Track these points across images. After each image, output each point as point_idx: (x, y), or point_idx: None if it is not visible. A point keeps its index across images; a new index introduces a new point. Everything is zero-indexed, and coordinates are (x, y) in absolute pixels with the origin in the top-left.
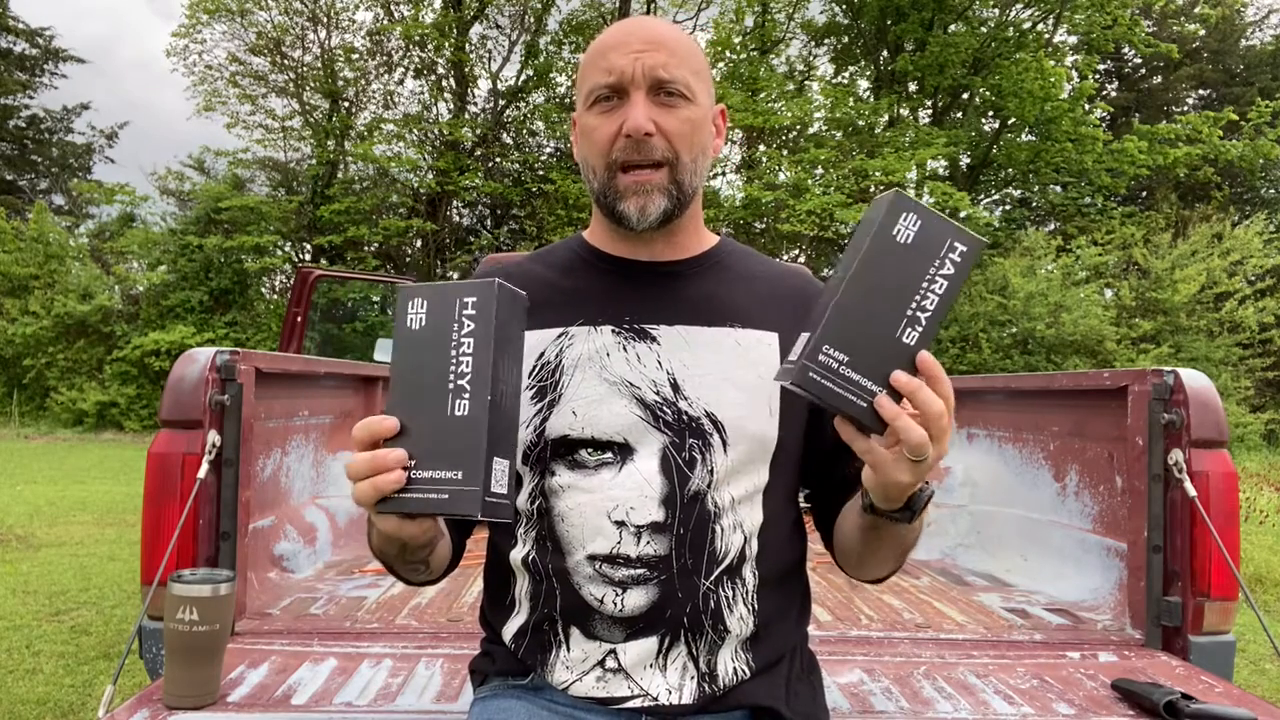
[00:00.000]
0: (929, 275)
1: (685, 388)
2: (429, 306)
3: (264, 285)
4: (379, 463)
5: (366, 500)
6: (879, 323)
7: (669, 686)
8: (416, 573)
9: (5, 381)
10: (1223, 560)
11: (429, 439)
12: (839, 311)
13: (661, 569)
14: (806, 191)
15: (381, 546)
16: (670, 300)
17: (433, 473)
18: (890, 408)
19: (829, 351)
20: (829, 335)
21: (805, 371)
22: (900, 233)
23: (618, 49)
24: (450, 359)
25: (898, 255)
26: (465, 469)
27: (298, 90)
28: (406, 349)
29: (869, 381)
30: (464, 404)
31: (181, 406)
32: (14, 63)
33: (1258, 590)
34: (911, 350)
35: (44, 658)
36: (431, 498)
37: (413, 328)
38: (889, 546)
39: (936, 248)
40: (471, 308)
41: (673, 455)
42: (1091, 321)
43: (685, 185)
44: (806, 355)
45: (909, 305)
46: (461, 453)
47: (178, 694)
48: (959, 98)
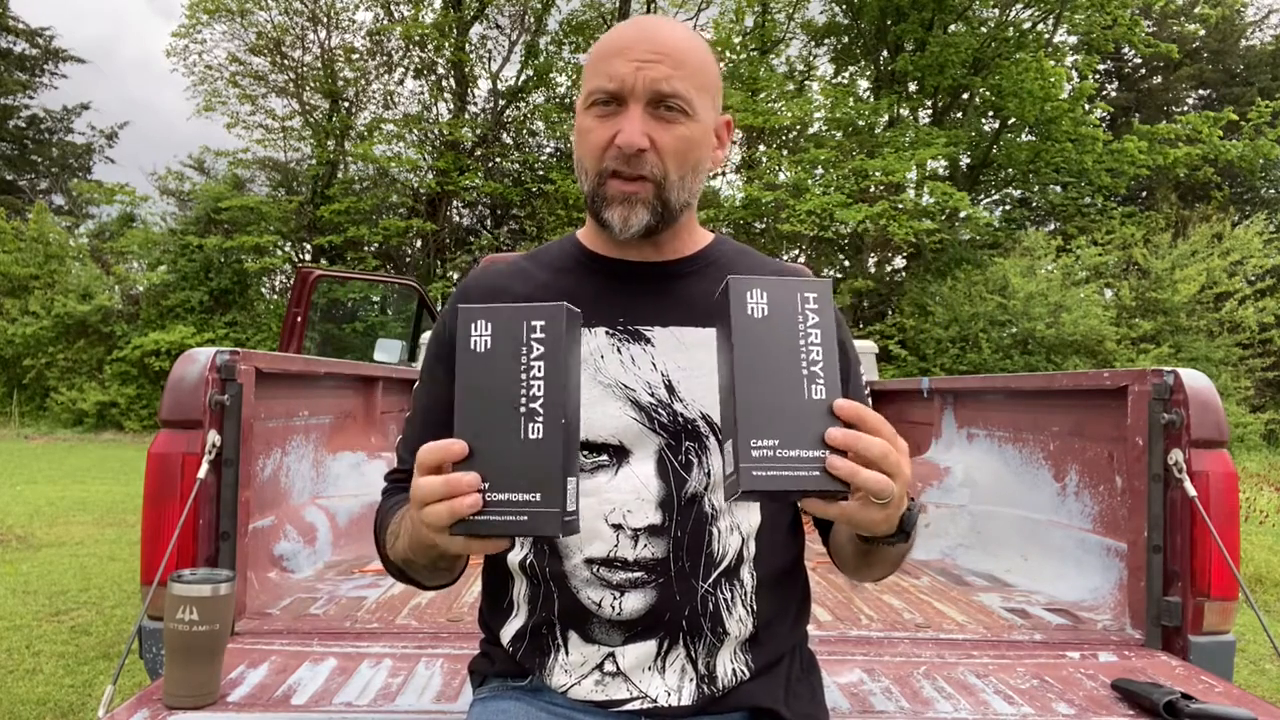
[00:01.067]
0: (801, 332)
1: (680, 389)
2: (494, 329)
3: (264, 285)
4: (454, 486)
5: (441, 523)
6: (783, 394)
7: (668, 689)
8: (438, 578)
9: (5, 381)
10: (1223, 560)
11: (502, 462)
12: (743, 400)
13: (659, 572)
14: (806, 191)
15: (413, 556)
16: (664, 301)
17: (509, 495)
18: (844, 466)
19: (757, 444)
20: (749, 428)
21: (748, 474)
22: (753, 309)
23: (622, 55)
24: (520, 382)
25: (762, 330)
26: (543, 491)
27: (298, 90)
28: (471, 372)
29: (809, 451)
30: (538, 427)
31: (181, 406)
32: (14, 63)
33: (1258, 590)
34: (826, 404)
35: (44, 658)
36: (510, 520)
37: (477, 350)
38: (885, 561)
39: (792, 307)
40: (540, 330)
41: (669, 458)
42: (1091, 321)
43: (671, 203)
44: (741, 460)
45: (800, 366)
46: (538, 476)
47: (178, 694)
48: (959, 98)
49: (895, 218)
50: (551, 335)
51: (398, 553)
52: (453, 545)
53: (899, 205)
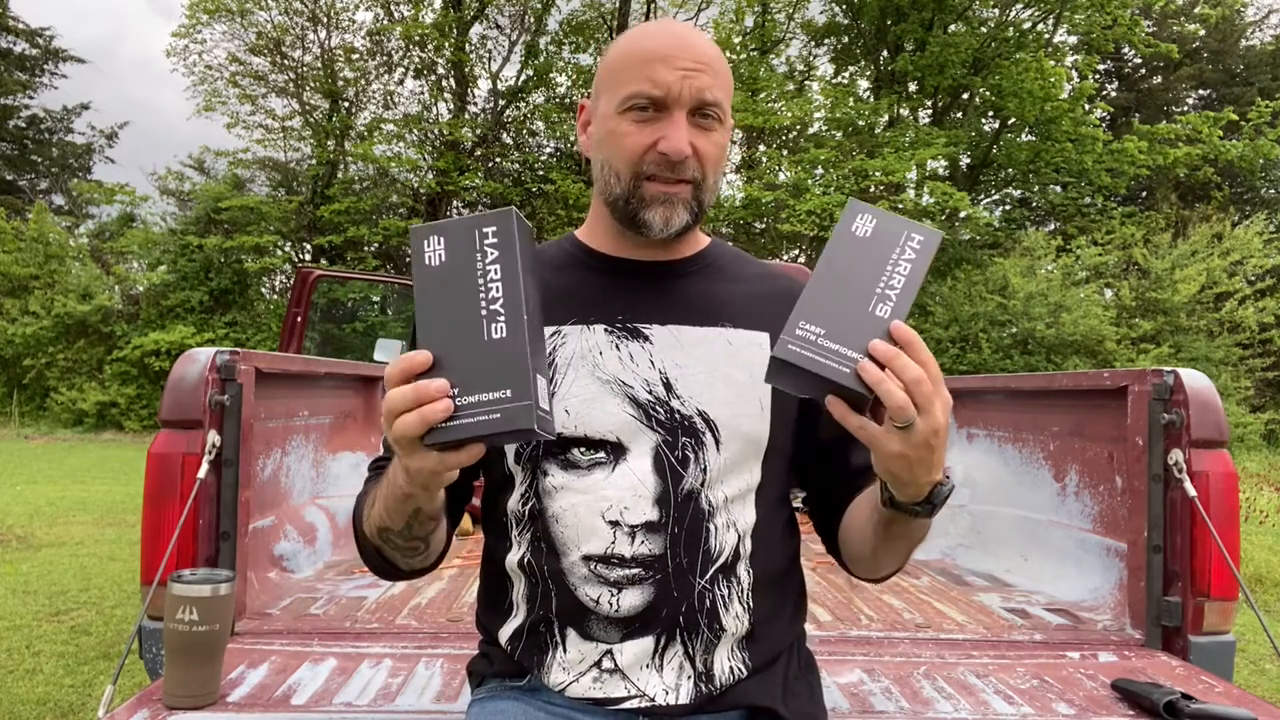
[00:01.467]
0: (892, 260)
1: (678, 387)
2: (447, 242)
3: (264, 285)
4: (422, 393)
5: (413, 431)
6: (851, 299)
7: (665, 687)
8: (414, 552)
9: (5, 381)
10: (1223, 560)
11: (469, 366)
12: (812, 291)
13: (656, 568)
14: (806, 191)
15: (388, 520)
16: (663, 300)
17: (479, 396)
18: (873, 371)
19: (806, 326)
20: (804, 311)
21: (785, 345)
22: (859, 229)
23: (666, 63)
24: (479, 287)
25: (859, 247)
26: (513, 386)
27: (298, 90)
28: (430, 284)
29: (848, 350)
30: (500, 327)
31: (181, 406)
32: (14, 63)
33: (1258, 590)
34: (885, 322)
35: (44, 658)
36: (483, 419)
37: (432, 264)
38: (901, 541)
39: (894, 239)
40: (493, 236)
41: (665, 454)
42: (1091, 321)
43: (705, 204)
44: (785, 331)
45: (877, 284)
46: (507, 372)
47: (178, 694)
48: (959, 98)
49: None
50: (504, 239)
51: (373, 522)
52: (425, 462)
53: (899, 205)
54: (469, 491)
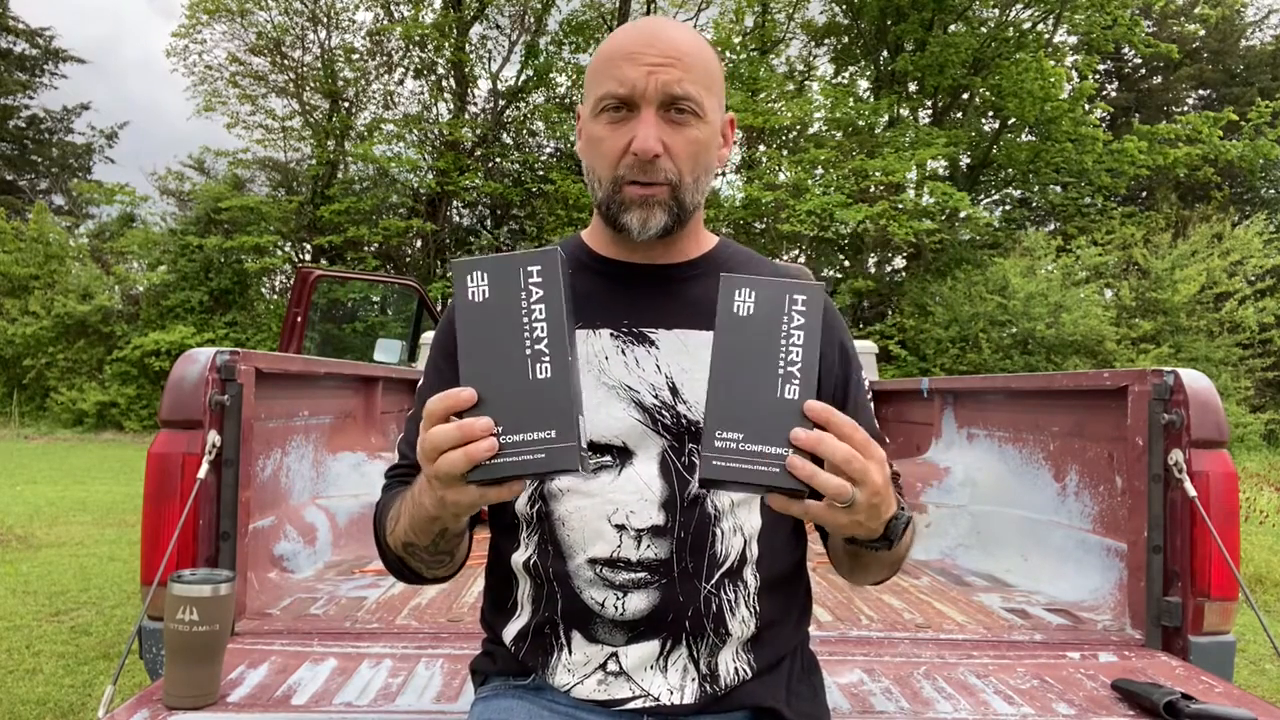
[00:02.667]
0: (783, 333)
1: (684, 391)
2: (491, 279)
3: (264, 285)
4: (468, 431)
5: (458, 469)
6: (756, 390)
7: (670, 687)
8: (440, 564)
9: (5, 381)
10: (1223, 560)
11: (514, 405)
12: (716, 391)
13: (662, 572)
14: (806, 192)
15: (414, 537)
16: (668, 303)
17: (523, 435)
18: (804, 467)
19: (722, 435)
20: (715, 420)
21: (709, 463)
22: (739, 308)
23: (632, 60)
24: (524, 326)
25: (746, 328)
26: (558, 427)
27: (298, 90)
28: (473, 321)
29: (771, 448)
30: (545, 367)
31: (181, 406)
32: (14, 63)
33: (1258, 590)
34: (798, 404)
35: (44, 658)
36: (528, 459)
37: (475, 300)
38: (876, 565)
39: (779, 307)
40: (537, 275)
41: (672, 459)
42: (1091, 322)
43: (686, 203)
44: (704, 445)
45: (777, 365)
46: (551, 413)
47: (178, 694)
48: (959, 98)
49: (895, 218)
50: (549, 278)
51: (398, 537)
52: (465, 496)
53: (899, 205)
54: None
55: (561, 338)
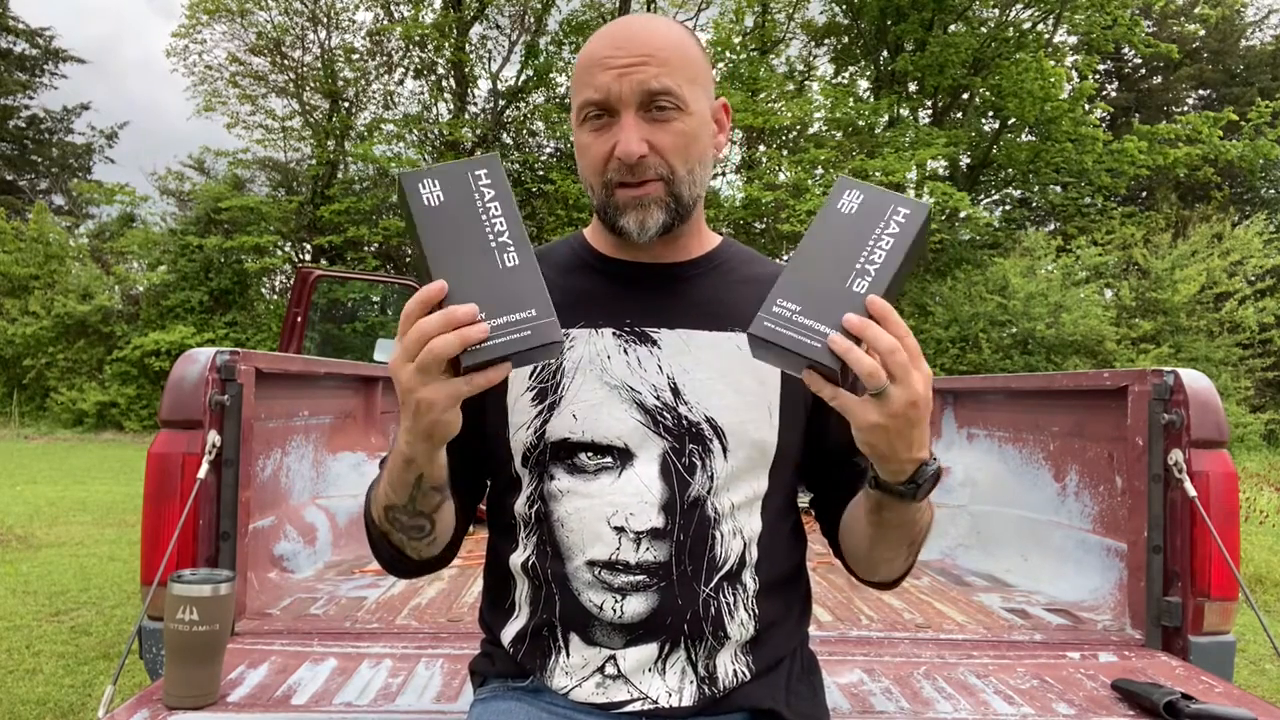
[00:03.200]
0: (874, 235)
1: (686, 392)
2: (442, 184)
3: (264, 285)
4: (453, 317)
5: (450, 351)
6: (828, 276)
7: (668, 689)
8: (421, 533)
9: (5, 381)
10: (1223, 560)
11: (490, 291)
12: (791, 269)
13: (661, 575)
14: (806, 191)
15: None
16: (671, 303)
17: (506, 317)
18: (842, 342)
19: (782, 304)
20: (782, 290)
21: (760, 322)
22: (845, 205)
23: (604, 65)
24: (483, 222)
25: (843, 223)
26: (536, 306)
27: (298, 90)
28: (433, 224)
29: (821, 325)
30: (511, 255)
31: (181, 406)
32: (14, 63)
33: (1258, 590)
34: (861, 297)
35: (44, 658)
36: (515, 337)
37: (431, 204)
38: (896, 531)
39: (880, 213)
40: (485, 178)
41: (673, 461)
42: (1091, 322)
43: (684, 197)
44: (762, 308)
45: (856, 260)
46: (527, 294)
47: (178, 694)
48: (959, 98)
49: None
50: (496, 179)
51: (379, 503)
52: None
53: None
54: (482, 488)
55: (520, 230)
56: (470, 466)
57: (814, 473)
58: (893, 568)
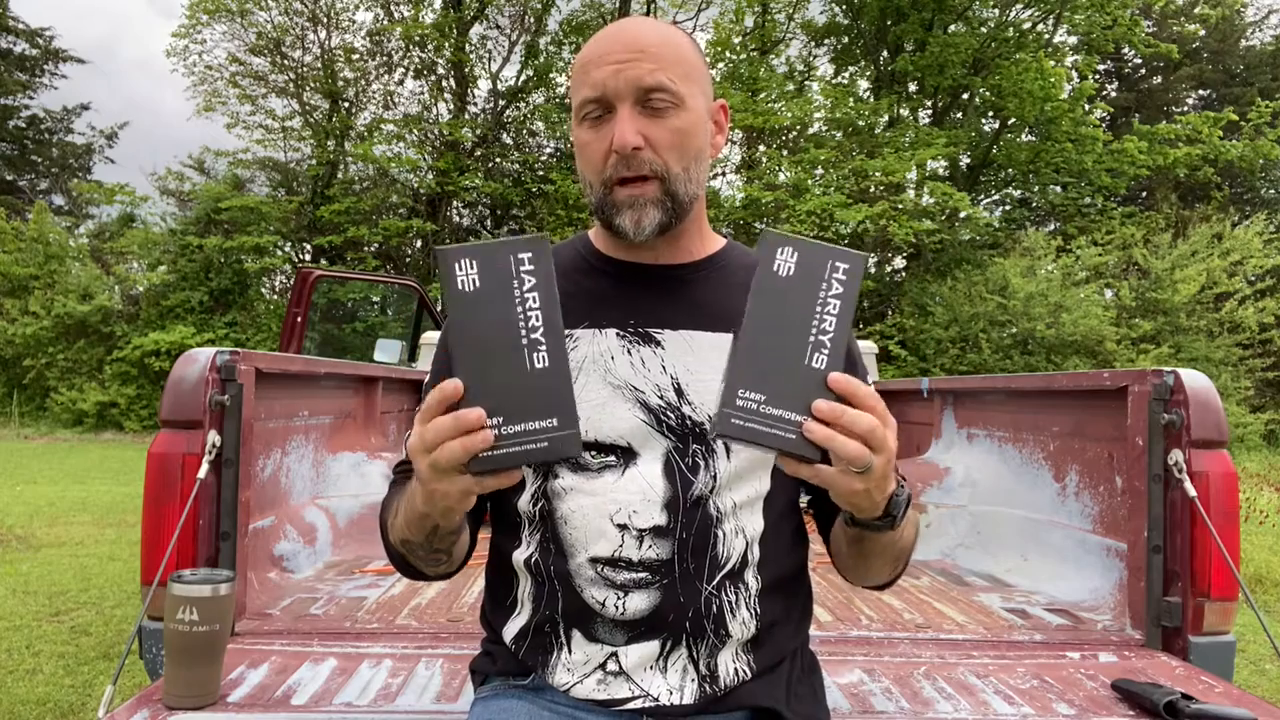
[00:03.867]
0: (819, 299)
1: (689, 392)
2: (481, 266)
3: (264, 285)
4: (464, 423)
5: (456, 460)
6: (785, 355)
7: (670, 687)
8: (438, 563)
9: (5, 381)
10: (1223, 560)
11: (512, 394)
12: (744, 353)
13: (663, 573)
14: (806, 192)
15: (410, 534)
16: (675, 304)
17: (524, 425)
18: (820, 432)
19: (745, 394)
20: (740, 378)
21: (727, 419)
22: (780, 267)
23: (599, 62)
24: (518, 314)
25: (784, 288)
26: (559, 415)
27: (298, 90)
28: (464, 311)
29: (791, 413)
30: (542, 355)
31: (181, 407)
32: (14, 63)
33: (1258, 590)
34: (823, 374)
35: (44, 658)
36: (531, 448)
37: (465, 290)
38: (879, 555)
39: (819, 272)
40: (529, 263)
41: (676, 460)
42: (1091, 322)
43: (680, 196)
44: (724, 403)
45: (809, 332)
46: (552, 402)
47: (178, 694)
48: (959, 98)
49: (895, 218)
50: (541, 265)
51: (396, 532)
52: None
53: (899, 205)
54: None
55: (556, 325)
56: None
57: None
58: (880, 578)
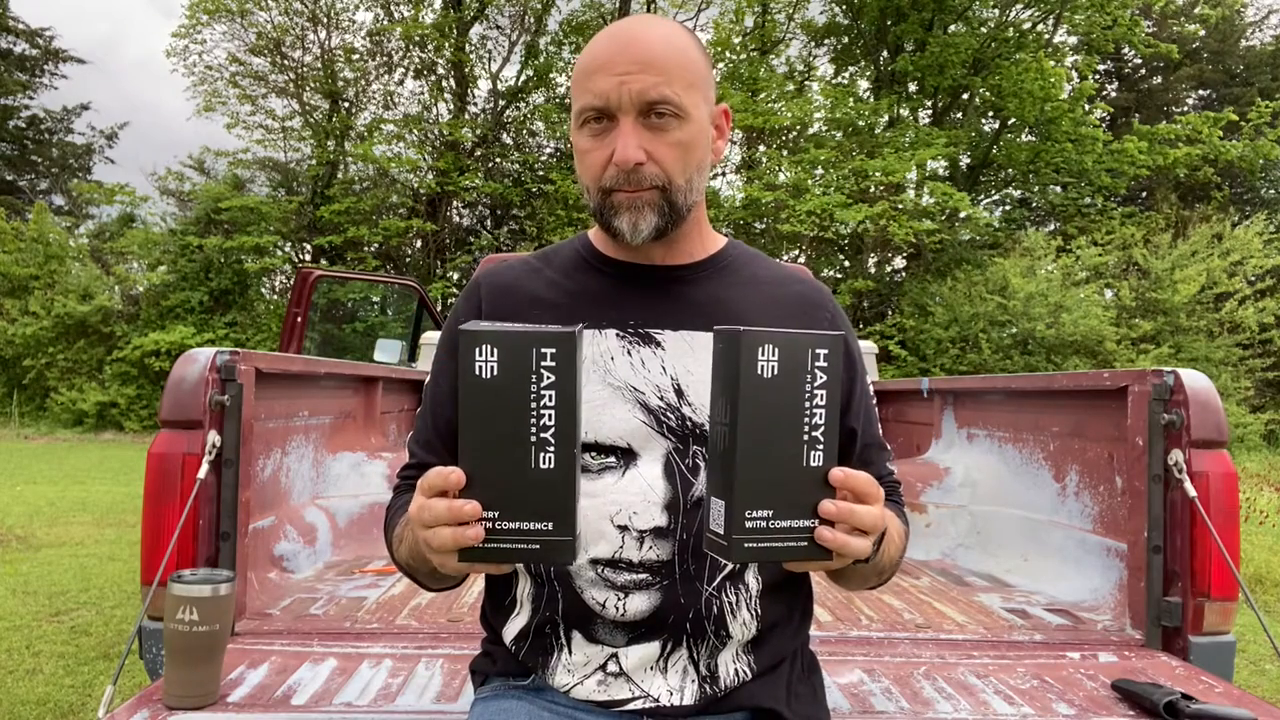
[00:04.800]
0: (807, 393)
1: (689, 393)
2: (501, 355)
3: (264, 285)
4: (457, 513)
5: (445, 549)
6: (782, 461)
7: (670, 688)
8: (441, 583)
9: (5, 382)
10: (1223, 560)
11: (512, 491)
12: (744, 470)
13: (664, 574)
14: (806, 192)
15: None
16: (675, 305)
17: (519, 524)
18: (835, 539)
19: (752, 515)
20: (744, 498)
21: (741, 546)
22: (763, 369)
23: (604, 70)
24: (530, 411)
25: (771, 390)
26: (556, 521)
27: (298, 90)
28: (477, 398)
29: (799, 520)
30: (549, 457)
31: (181, 407)
32: (14, 63)
33: (1258, 590)
34: (822, 471)
35: (44, 658)
36: (521, 549)
37: (483, 377)
38: (858, 578)
39: (802, 365)
40: (550, 359)
41: (676, 461)
42: (1091, 322)
43: (679, 204)
44: (734, 530)
45: (802, 431)
46: (551, 506)
47: (178, 694)
48: (959, 98)
49: (895, 218)
50: (563, 362)
51: (401, 556)
52: (454, 565)
53: (899, 205)
54: None
55: (571, 425)
56: None
57: None
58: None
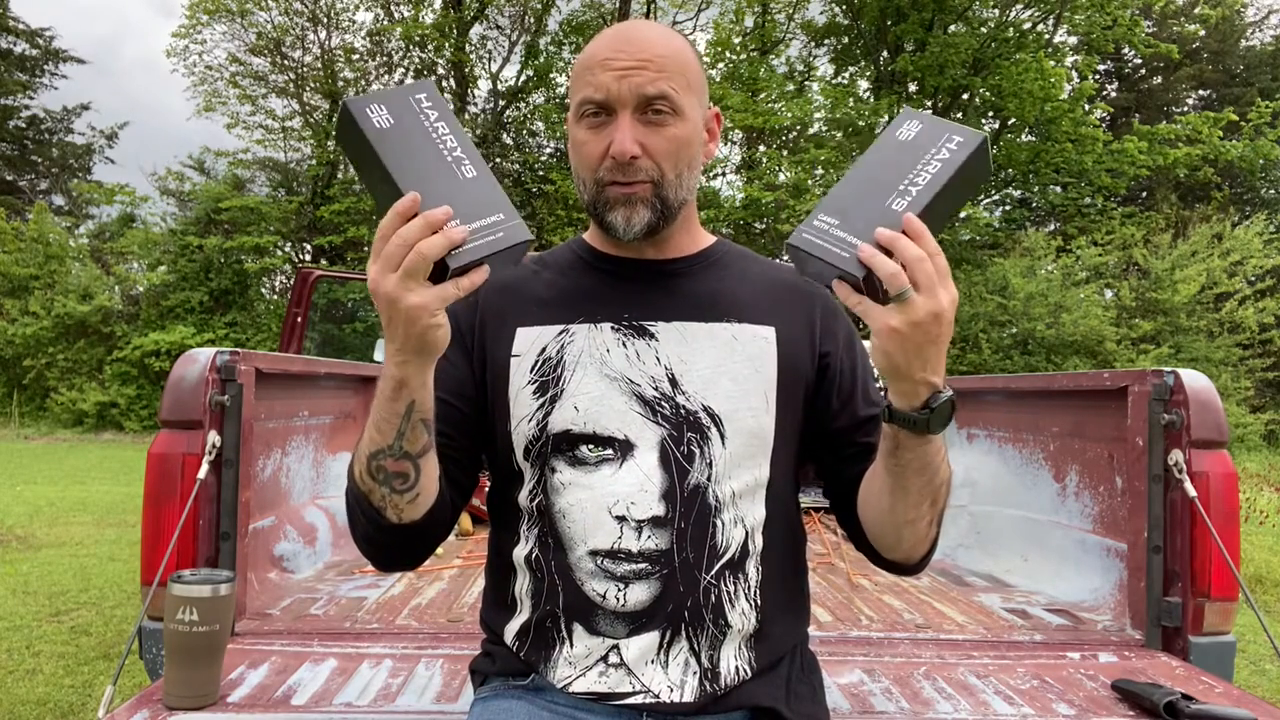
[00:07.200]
0: (923, 159)
1: (683, 382)
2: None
3: (264, 286)
4: (434, 221)
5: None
6: (870, 194)
7: (670, 684)
8: (405, 483)
9: (5, 382)
10: (1223, 561)
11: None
12: (840, 187)
13: (663, 563)
14: (806, 192)
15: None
16: (668, 298)
17: (478, 223)
18: (868, 251)
19: (822, 219)
20: (825, 206)
21: (800, 234)
22: (902, 133)
23: (605, 65)
24: (435, 138)
25: (897, 149)
26: (502, 210)
27: (298, 90)
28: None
29: (854, 238)
30: (469, 168)
31: (181, 407)
32: (14, 63)
33: (1258, 590)
34: (898, 214)
35: (44, 658)
36: (491, 239)
37: (382, 127)
38: (916, 479)
39: (933, 140)
40: (426, 100)
41: (671, 449)
42: (1091, 322)
43: (671, 200)
44: (804, 223)
45: (901, 181)
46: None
47: (178, 694)
48: (959, 98)
49: None
50: (437, 101)
51: (362, 454)
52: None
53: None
54: (474, 479)
55: (471, 145)
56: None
57: (823, 458)
58: (916, 532)
